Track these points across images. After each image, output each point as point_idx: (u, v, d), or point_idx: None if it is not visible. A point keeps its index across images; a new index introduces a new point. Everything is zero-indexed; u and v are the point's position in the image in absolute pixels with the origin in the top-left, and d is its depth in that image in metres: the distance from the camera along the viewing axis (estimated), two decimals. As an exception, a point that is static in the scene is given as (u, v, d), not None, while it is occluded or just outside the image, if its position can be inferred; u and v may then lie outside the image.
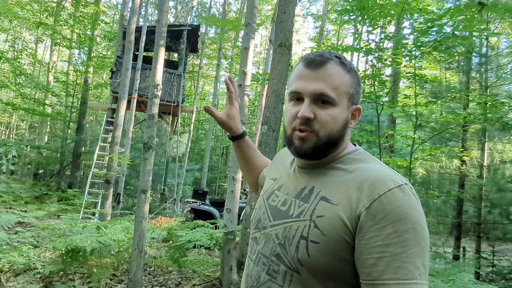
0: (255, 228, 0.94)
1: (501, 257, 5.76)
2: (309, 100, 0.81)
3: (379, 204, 0.72)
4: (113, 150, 7.63)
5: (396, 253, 0.69)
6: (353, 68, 0.86)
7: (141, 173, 3.76)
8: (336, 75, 0.82)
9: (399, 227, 0.69)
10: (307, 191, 0.84)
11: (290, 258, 0.79)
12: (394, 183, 0.74)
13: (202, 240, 4.32)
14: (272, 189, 0.96)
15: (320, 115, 0.81)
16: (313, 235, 0.76)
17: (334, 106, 0.82)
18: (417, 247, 0.69)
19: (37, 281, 3.81)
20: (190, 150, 16.35)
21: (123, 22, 9.63)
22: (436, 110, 8.32)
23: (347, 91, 0.83)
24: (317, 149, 0.83)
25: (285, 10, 4.76)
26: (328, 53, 0.84)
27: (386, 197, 0.72)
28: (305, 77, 0.83)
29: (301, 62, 0.86)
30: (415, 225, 0.70)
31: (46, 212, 6.78)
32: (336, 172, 0.84)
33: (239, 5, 20.76)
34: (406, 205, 0.71)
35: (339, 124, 0.83)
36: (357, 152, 0.87)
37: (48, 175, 15.22)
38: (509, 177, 6.25)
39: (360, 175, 0.79)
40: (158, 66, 4.00)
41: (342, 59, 0.84)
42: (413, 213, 0.71)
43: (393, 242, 0.69)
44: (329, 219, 0.76)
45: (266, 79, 8.64)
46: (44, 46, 20.95)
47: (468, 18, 4.07)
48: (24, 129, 20.41)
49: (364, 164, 0.83)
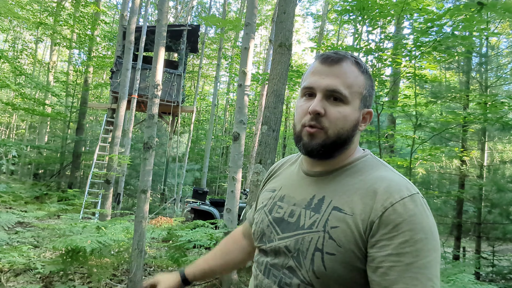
0: (260, 241, 0.91)
1: (501, 257, 5.76)
2: (321, 96, 0.80)
3: (391, 213, 0.71)
4: (113, 150, 7.63)
5: (408, 263, 0.67)
6: (368, 70, 0.85)
7: (141, 173, 3.76)
8: (350, 74, 0.81)
9: (412, 236, 0.69)
10: (316, 201, 0.82)
11: (305, 272, 0.77)
12: (408, 192, 0.73)
13: (202, 240, 4.32)
14: (273, 201, 0.92)
15: (330, 112, 0.80)
16: (328, 247, 0.75)
17: (346, 105, 0.80)
18: (429, 258, 0.68)
19: (37, 281, 3.81)
20: (190, 150, 16.34)
21: (123, 22, 9.62)
22: (436, 110, 8.32)
23: (360, 91, 0.82)
24: (325, 146, 0.81)
25: (285, 10, 4.76)
26: (344, 52, 0.84)
27: (400, 205, 0.71)
28: (320, 73, 0.82)
29: (316, 59, 0.85)
30: (427, 235, 0.69)
31: (46, 212, 6.78)
32: (346, 179, 0.82)
33: (239, 5, 20.75)
34: (419, 215, 0.71)
35: (349, 124, 0.81)
36: (367, 157, 0.85)
37: (48, 175, 15.22)
38: (509, 177, 6.25)
39: (372, 183, 0.77)
40: (158, 66, 4.00)
41: (358, 60, 0.83)
42: (425, 222, 0.71)
43: (405, 252, 0.68)
44: (344, 230, 0.75)
45: (266, 79, 8.64)
46: (44, 46, 20.95)
47: (468, 18, 4.07)
48: (24, 129, 20.41)
49: (377, 171, 0.81)
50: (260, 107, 11.40)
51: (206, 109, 23.91)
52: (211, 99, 18.16)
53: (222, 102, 23.06)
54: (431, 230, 0.70)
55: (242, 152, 4.33)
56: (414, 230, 0.69)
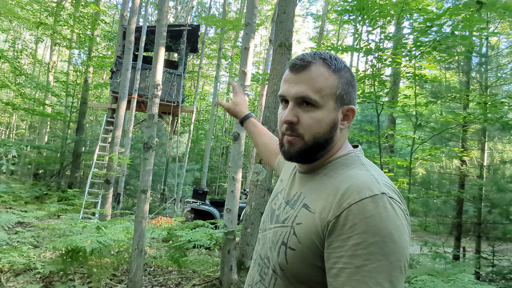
0: (260, 229, 0.97)
1: (501, 257, 5.76)
2: (293, 104, 0.81)
3: (348, 214, 0.69)
4: (113, 150, 7.63)
5: (358, 266, 0.66)
6: (342, 67, 0.82)
7: (141, 173, 3.76)
8: (319, 77, 0.79)
9: (365, 239, 0.66)
10: (296, 197, 0.85)
11: (274, 262, 0.82)
12: (369, 192, 0.70)
13: (202, 240, 4.32)
14: (276, 192, 0.99)
15: (303, 118, 0.80)
16: (291, 242, 0.77)
17: (318, 109, 0.80)
18: (383, 262, 0.65)
19: (37, 281, 3.81)
20: (190, 150, 16.35)
21: (123, 22, 9.63)
22: (436, 110, 8.32)
23: (332, 93, 0.80)
24: (304, 153, 0.82)
25: (285, 10, 4.76)
26: (312, 55, 0.82)
27: (357, 207, 0.69)
28: (289, 81, 0.83)
29: (288, 65, 0.86)
30: (384, 239, 0.66)
31: (46, 212, 6.78)
32: (322, 178, 0.83)
33: (239, 5, 20.76)
34: (377, 217, 0.67)
35: (325, 127, 0.81)
36: (348, 156, 0.84)
37: (48, 175, 15.22)
38: (509, 177, 6.25)
39: (339, 182, 0.76)
40: (158, 66, 4.00)
41: (327, 60, 0.81)
42: (383, 225, 0.67)
43: (356, 254, 0.66)
44: (305, 227, 0.76)
45: (266, 79, 8.65)
46: (44, 46, 20.96)
47: (467, 18, 4.08)
48: (24, 129, 20.41)
49: (349, 170, 0.80)
50: (260, 107, 11.41)
51: (206, 109, 23.91)
52: (211, 99, 18.16)
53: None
54: (390, 233, 0.66)
55: (242, 152, 4.33)
56: (368, 232, 0.66)
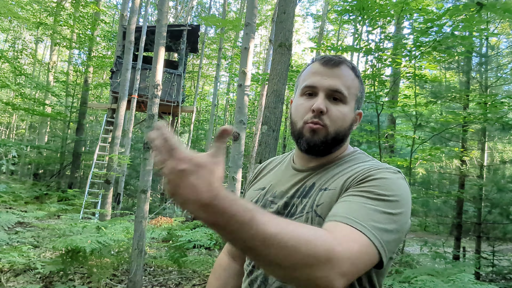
0: None
1: (501, 257, 5.75)
2: (323, 95, 0.85)
3: (368, 175, 0.76)
4: (113, 150, 7.63)
5: (361, 202, 0.70)
6: (360, 75, 0.92)
7: (141, 173, 3.76)
8: (348, 76, 0.87)
9: (377, 190, 0.71)
10: (307, 188, 0.87)
11: None
12: (388, 168, 0.79)
13: (202, 240, 4.32)
14: (264, 198, 0.93)
15: (332, 110, 0.85)
16: (316, 224, 0.78)
17: (345, 104, 0.86)
18: (387, 208, 0.69)
19: (37, 281, 3.81)
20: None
21: (123, 22, 9.63)
22: (436, 110, 8.32)
23: (356, 93, 0.88)
24: (325, 143, 0.86)
25: (285, 10, 4.76)
26: (342, 56, 0.91)
27: (376, 171, 0.76)
28: (321, 74, 0.87)
29: (316, 61, 0.90)
30: (395, 197, 0.71)
31: (46, 212, 6.78)
32: (336, 169, 0.87)
33: (239, 5, 20.75)
34: (394, 181, 0.75)
35: (347, 122, 0.87)
36: (356, 153, 0.92)
37: (48, 175, 15.22)
38: (509, 177, 6.25)
39: (357, 167, 0.83)
40: (158, 66, 4.00)
41: (354, 65, 0.90)
42: (396, 187, 0.73)
43: (364, 195, 0.71)
44: (328, 203, 0.78)
45: (266, 79, 8.64)
46: (44, 46, 20.97)
47: (467, 18, 4.08)
48: (24, 129, 20.42)
49: (362, 162, 0.87)
50: (260, 107, 11.40)
51: (206, 109, 23.90)
52: (211, 99, 18.14)
53: (222, 102, 23.05)
54: (401, 195, 0.72)
55: (242, 152, 4.33)
56: (382, 187, 0.72)
